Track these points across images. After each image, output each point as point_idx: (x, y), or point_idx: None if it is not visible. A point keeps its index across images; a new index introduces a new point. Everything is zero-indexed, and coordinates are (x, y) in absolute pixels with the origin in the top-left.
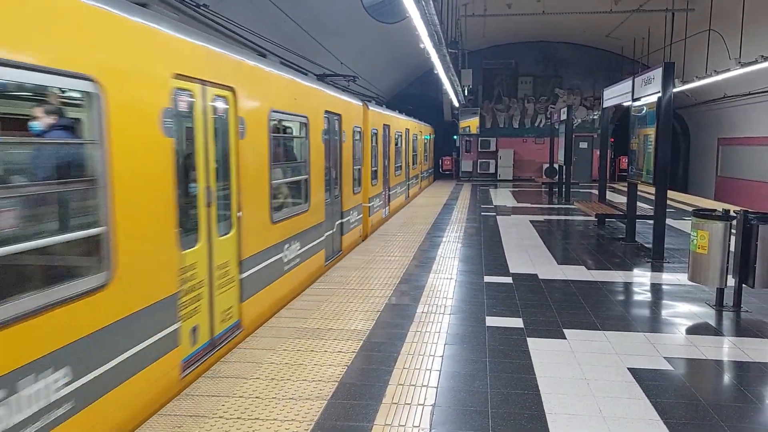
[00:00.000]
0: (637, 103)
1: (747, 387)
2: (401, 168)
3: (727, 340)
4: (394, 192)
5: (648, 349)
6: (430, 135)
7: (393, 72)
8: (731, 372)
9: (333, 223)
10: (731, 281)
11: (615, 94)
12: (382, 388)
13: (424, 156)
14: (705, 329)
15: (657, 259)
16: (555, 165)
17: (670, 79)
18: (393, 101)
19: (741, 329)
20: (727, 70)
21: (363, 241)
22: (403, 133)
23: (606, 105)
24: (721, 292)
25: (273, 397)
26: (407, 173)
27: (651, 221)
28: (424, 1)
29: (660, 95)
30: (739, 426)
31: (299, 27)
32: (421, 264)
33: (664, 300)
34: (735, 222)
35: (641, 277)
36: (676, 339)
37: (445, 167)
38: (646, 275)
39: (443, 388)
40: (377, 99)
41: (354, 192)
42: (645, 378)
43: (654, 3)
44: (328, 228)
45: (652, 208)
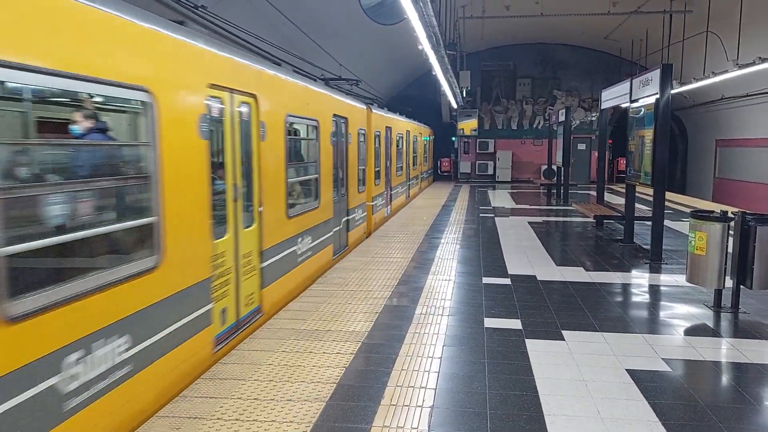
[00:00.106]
0: (635, 105)
1: (745, 388)
2: (402, 169)
3: (725, 341)
4: (395, 192)
5: (646, 351)
6: (429, 136)
7: (392, 73)
8: (729, 373)
9: (340, 220)
10: (729, 282)
11: (613, 95)
12: (380, 389)
13: (423, 157)
14: (703, 330)
15: (655, 261)
16: (553, 166)
17: (667, 81)
18: (392, 102)
19: (739, 330)
20: (725, 71)
21: (367, 238)
22: (404, 135)
23: (604, 106)
24: (719, 293)
25: (271, 399)
26: (408, 174)
27: (649, 223)
28: (422, 3)
29: (658, 97)
30: (737, 427)
31: (298, 29)
32: (420, 265)
33: (662, 301)
34: (733, 223)
35: (639, 279)
36: (674, 340)
37: (444, 169)
38: (644, 276)
39: (442, 389)
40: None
41: (359, 191)
42: (643, 379)
43: (652, 5)
44: (335, 224)
45: (650, 209)
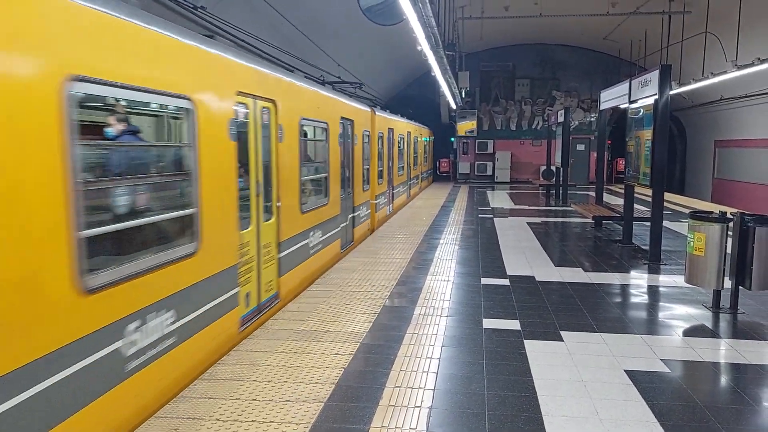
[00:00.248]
0: (634, 106)
1: (744, 389)
2: (403, 169)
3: (724, 342)
4: (397, 191)
5: (645, 351)
6: (429, 137)
7: (391, 74)
8: (728, 374)
9: (346, 217)
10: (728, 283)
11: (612, 96)
12: (379, 390)
13: (423, 158)
14: (702, 331)
15: (654, 261)
16: (552, 167)
17: (666, 82)
18: (391, 103)
19: (738, 331)
20: (724, 72)
21: (370, 234)
22: (405, 136)
23: (603, 107)
24: (718, 294)
25: (270, 400)
26: (409, 174)
27: (648, 223)
28: (421, 4)
29: (657, 97)
30: (736, 428)
31: (297, 30)
32: (419, 266)
33: (660, 302)
34: (732, 224)
35: (638, 279)
36: (672, 341)
37: (443, 169)
38: (642, 277)
39: (440, 390)
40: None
41: (363, 190)
42: (642, 380)
43: (651, 5)
44: (343, 220)
45: (649, 210)
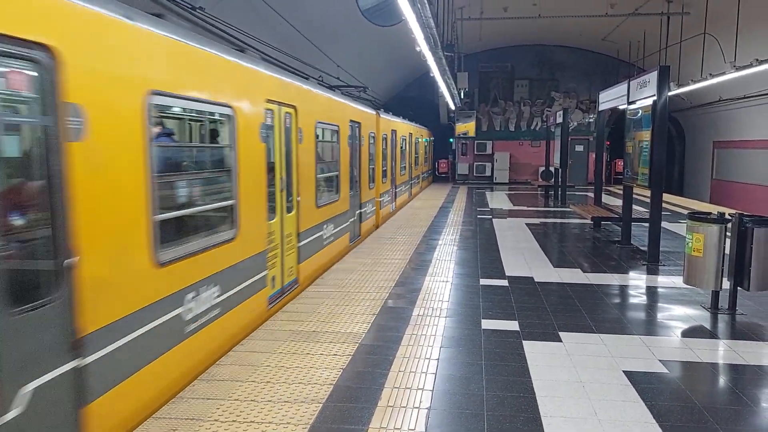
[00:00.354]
0: (633, 107)
1: (742, 390)
2: (405, 169)
3: (723, 342)
4: (399, 190)
5: (643, 352)
6: (429, 138)
7: (390, 74)
8: (726, 375)
9: (354, 212)
10: (726, 284)
11: (610, 97)
12: (377, 391)
13: (424, 158)
14: (700, 332)
15: (652, 262)
16: (551, 168)
17: (665, 83)
18: (391, 103)
19: (736, 332)
20: (723, 73)
21: (375, 230)
22: (407, 137)
23: (602, 108)
24: (717, 294)
25: (268, 400)
26: (410, 173)
27: (647, 224)
28: (420, 5)
29: (655, 98)
30: (735, 429)
31: (296, 30)
32: (417, 267)
33: (659, 303)
34: (730, 225)
35: (637, 280)
36: (671, 342)
37: (442, 170)
38: (641, 278)
39: (439, 391)
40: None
41: (369, 188)
42: (640, 381)
43: (650, 6)
44: (351, 215)
45: (647, 211)
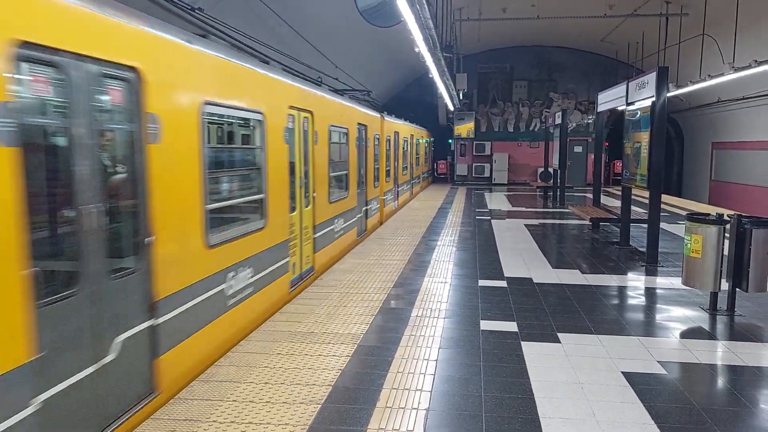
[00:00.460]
0: (631, 108)
1: (741, 391)
2: (407, 169)
3: (721, 344)
4: (401, 189)
5: (642, 353)
6: (428, 139)
7: (389, 75)
8: (725, 376)
9: (361, 209)
10: (725, 285)
11: (609, 98)
12: (376, 392)
13: (424, 159)
14: (699, 333)
15: (651, 263)
16: (550, 169)
17: (664, 84)
18: (390, 104)
19: (735, 333)
20: (721, 74)
21: (380, 226)
22: (409, 139)
23: (600, 109)
24: (715, 296)
25: (267, 401)
26: (412, 173)
27: (645, 225)
28: (418, 6)
29: (654, 99)
30: (733, 430)
31: (294, 31)
32: (416, 268)
33: (658, 304)
34: (728, 226)
35: (635, 281)
36: (670, 343)
37: (440, 171)
38: (640, 279)
39: (437, 392)
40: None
41: (374, 186)
42: (639, 382)
43: (648, 7)
44: (358, 212)
45: (646, 212)
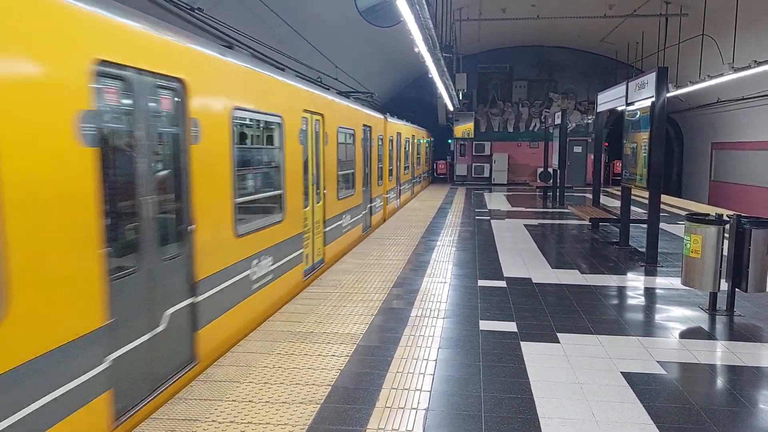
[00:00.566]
0: (631, 108)
1: (740, 391)
2: (408, 168)
3: (720, 344)
4: (403, 188)
5: (641, 353)
6: (429, 139)
7: (389, 75)
8: (724, 376)
9: (366, 206)
10: (724, 285)
11: (609, 98)
12: (375, 392)
13: (425, 159)
14: (698, 333)
15: (650, 264)
16: (549, 169)
17: (663, 84)
18: (390, 104)
19: (734, 333)
20: (721, 75)
21: (383, 223)
22: (410, 139)
23: (600, 109)
24: (714, 296)
25: (266, 401)
26: (413, 173)
27: (645, 225)
28: (418, 6)
29: (653, 100)
30: (732, 430)
31: (294, 31)
32: (416, 268)
33: (657, 304)
34: (728, 226)
35: (635, 282)
36: (669, 343)
37: (440, 171)
38: (639, 279)
39: (437, 392)
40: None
41: (378, 185)
42: (638, 382)
43: (648, 8)
44: (364, 208)
45: (646, 212)
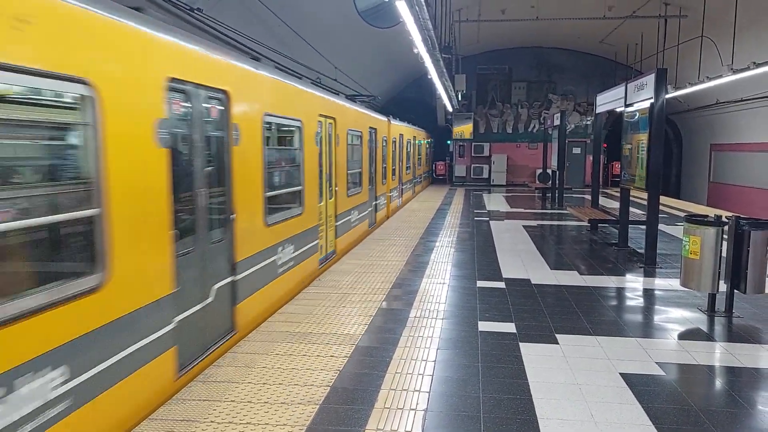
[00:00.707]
0: (630, 109)
1: (738, 392)
2: (410, 169)
3: (719, 345)
4: (405, 187)
5: (640, 355)
6: (429, 140)
7: (389, 75)
8: (723, 377)
9: (372, 203)
10: (723, 287)
11: (608, 99)
12: (374, 392)
13: (425, 159)
14: (697, 334)
15: (649, 265)
16: (548, 170)
17: (662, 85)
18: (389, 105)
19: (733, 334)
20: (720, 76)
21: (387, 220)
22: (411, 140)
23: (599, 111)
24: (713, 297)
25: (265, 402)
26: (414, 173)
27: (643, 226)
28: (417, 7)
29: (652, 101)
30: (731, 431)
31: (293, 31)
32: (415, 269)
33: (656, 305)
34: (727, 228)
35: (634, 283)
36: (668, 344)
37: (439, 172)
38: (638, 280)
39: (435, 393)
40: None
41: (382, 184)
42: (637, 383)
43: (647, 9)
44: (369, 206)
45: (644, 213)
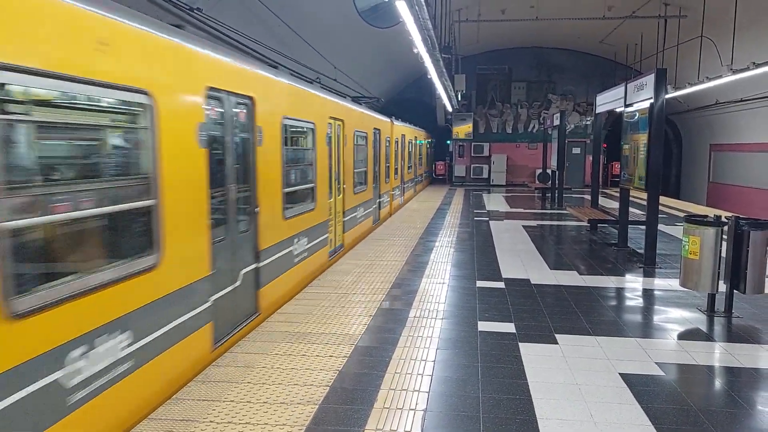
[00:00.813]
0: (630, 109)
1: (738, 392)
2: (411, 168)
3: (719, 345)
4: (406, 186)
5: (639, 355)
6: (429, 140)
7: (389, 75)
8: (722, 377)
9: (376, 201)
10: (723, 287)
11: (607, 99)
12: (373, 392)
13: (426, 159)
14: (696, 335)
15: (649, 265)
16: (548, 170)
17: (662, 86)
18: (389, 105)
19: (732, 335)
20: (719, 76)
21: (390, 217)
22: (413, 140)
23: (599, 111)
24: (713, 297)
25: (264, 402)
26: (415, 172)
27: (643, 227)
28: (417, 7)
29: (652, 101)
30: (730, 431)
31: (292, 31)
32: (414, 269)
33: (655, 305)
34: (726, 228)
35: (633, 283)
36: (667, 344)
37: (438, 172)
38: (638, 281)
39: (435, 393)
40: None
41: (385, 182)
42: (636, 383)
43: (647, 9)
44: (374, 203)
45: (644, 213)
